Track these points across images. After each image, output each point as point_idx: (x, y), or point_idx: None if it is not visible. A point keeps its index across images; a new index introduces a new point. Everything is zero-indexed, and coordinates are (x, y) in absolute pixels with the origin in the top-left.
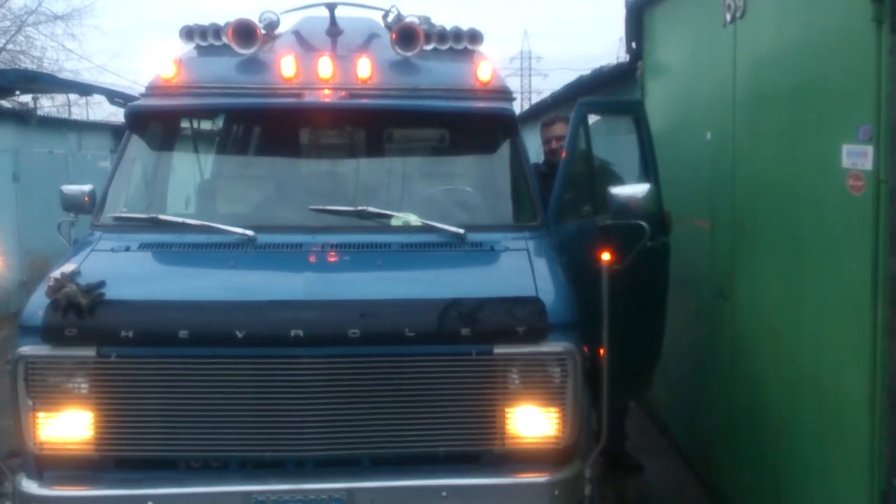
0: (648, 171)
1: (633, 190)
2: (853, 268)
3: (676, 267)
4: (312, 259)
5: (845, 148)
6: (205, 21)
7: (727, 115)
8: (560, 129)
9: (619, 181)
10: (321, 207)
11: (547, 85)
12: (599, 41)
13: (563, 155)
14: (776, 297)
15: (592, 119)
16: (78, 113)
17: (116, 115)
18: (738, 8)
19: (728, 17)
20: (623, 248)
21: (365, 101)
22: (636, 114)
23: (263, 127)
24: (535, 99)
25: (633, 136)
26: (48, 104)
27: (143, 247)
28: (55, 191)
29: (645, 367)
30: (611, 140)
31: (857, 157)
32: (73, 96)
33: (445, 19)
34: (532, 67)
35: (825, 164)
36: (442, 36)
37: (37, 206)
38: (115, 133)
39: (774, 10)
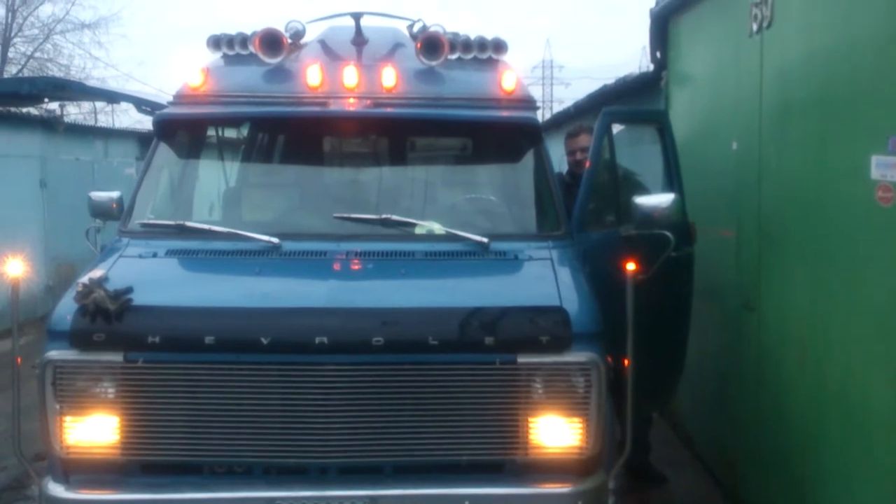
0: (673, 181)
1: (657, 200)
2: (882, 280)
3: (702, 277)
4: (337, 267)
5: (874, 159)
6: (230, 30)
7: (753, 125)
8: (585, 140)
9: (645, 191)
10: (346, 216)
11: (569, 94)
12: (621, 50)
13: (587, 164)
14: (803, 308)
15: (616, 129)
16: (104, 120)
17: (142, 122)
18: (765, 18)
19: (755, 27)
20: (647, 259)
21: (390, 110)
22: (660, 123)
23: (289, 135)
24: (557, 108)
25: (656, 146)
26: (75, 111)
27: (170, 253)
28: (81, 197)
29: (669, 378)
30: (634, 150)
31: (887, 168)
32: (99, 104)
33: (468, 28)
34: (554, 76)
35: (854, 175)
36: (466, 45)
37: (63, 212)
38: (141, 140)
39: (802, 20)
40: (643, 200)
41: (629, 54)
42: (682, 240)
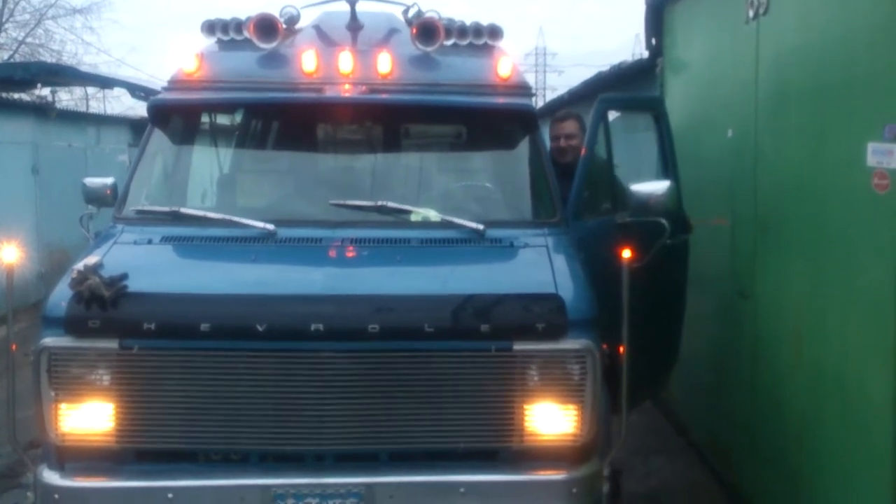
0: (668, 168)
1: (652, 187)
2: (878, 267)
3: (697, 265)
4: (333, 253)
5: (870, 146)
6: (223, 15)
7: (749, 113)
8: (571, 126)
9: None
10: (341, 202)
11: (562, 81)
12: (615, 37)
13: (583, 151)
14: (799, 296)
15: (611, 116)
16: (96, 107)
17: (134, 108)
18: (762, 4)
19: (751, 14)
20: (642, 246)
21: (385, 96)
22: (656, 111)
23: (284, 121)
24: (551, 95)
25: (651, 133)
26: (66, 97)
27: (165, 240)
28: (74, 183)
29: (662, 366)
30: (628, 137)
31: (883, 155)
32: (91, 90)
33: (461, 15)
34: (547, 64)
35: (850, 162)
36: (462, 31)
37: (55, 198)
38: (134, 127)
39: (798, 7)
40: (639, 187)
41: (623, 41)
42: (678, 227)
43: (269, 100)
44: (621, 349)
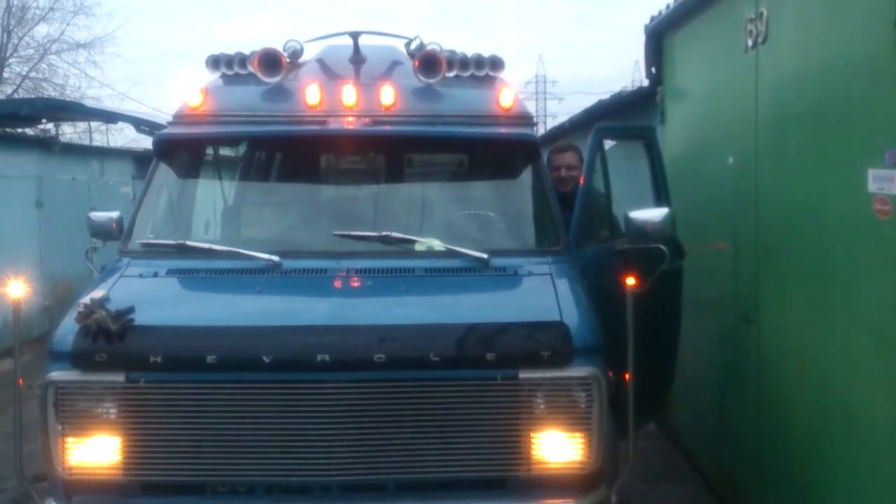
0: (661, 195)
1: (650, 214)
2: (880, 292)
3: (700, 290)
4: (338, 284)
5: (871, 172)
6: (226, 48)
7: (749, 140)
8: (571, 157)
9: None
10: (346, 233)
11: (562, 109)
12: (614, 65)
13: (581, 180)
14: (802, 321)
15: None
16: (99, 140)
17: (138, 141)
18: (760, 34)
19: (750, 43)
20: (641, 272)
21: (389, 128)
22: (647, 139)
23: (289, 154)
24: (551, 122)
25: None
26: (70, 130)
27: (171, 273)
28: (77, 216)
29: (660, 390)
30: (629, 165)
31: (884, 181)
32: (94, 123)
33: (461, 44)
34: (547, 91)
35: (851, 188)
36: (464, 63)
37: (59, 231)
38: (137, 159)
39: (797, 36)
40: (637, 214)
41: (622, 68)
42: (672, 253)
43: (274, 133)
44: (627, 376)
